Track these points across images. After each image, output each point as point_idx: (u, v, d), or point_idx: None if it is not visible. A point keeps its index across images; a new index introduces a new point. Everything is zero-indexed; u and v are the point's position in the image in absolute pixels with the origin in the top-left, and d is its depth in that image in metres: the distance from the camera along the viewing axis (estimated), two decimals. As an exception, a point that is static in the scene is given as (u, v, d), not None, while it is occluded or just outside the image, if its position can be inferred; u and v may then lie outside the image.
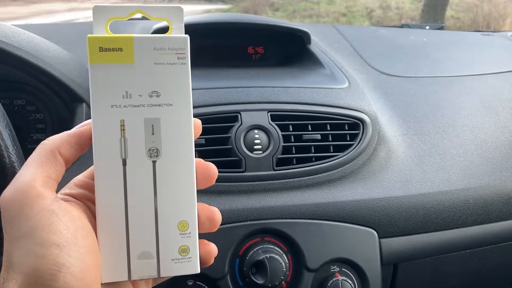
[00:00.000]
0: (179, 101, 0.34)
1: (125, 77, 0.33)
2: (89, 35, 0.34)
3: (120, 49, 0.33)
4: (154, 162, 0.34)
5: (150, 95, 0.34)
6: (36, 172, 0.31)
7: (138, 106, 0.34)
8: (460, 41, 1.10)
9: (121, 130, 0.33)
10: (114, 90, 0.33)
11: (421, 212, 0.68)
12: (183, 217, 0.35)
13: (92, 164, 0.34)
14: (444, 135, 0.77)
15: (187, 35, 0.35)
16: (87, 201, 0.35)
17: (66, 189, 0.35)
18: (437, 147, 0.75)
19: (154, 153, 0.34)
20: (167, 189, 0.34)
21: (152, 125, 0.34)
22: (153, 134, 0.34)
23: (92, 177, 0.35)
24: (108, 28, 0.35)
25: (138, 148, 0.34)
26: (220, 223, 0.36)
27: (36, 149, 0.32)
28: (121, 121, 0.33)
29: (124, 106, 0.33)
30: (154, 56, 0.34)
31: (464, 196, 0.71)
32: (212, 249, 0.37)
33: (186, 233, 0.35)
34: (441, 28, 1.23)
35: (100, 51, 0.33)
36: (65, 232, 0.30)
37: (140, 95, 0.34)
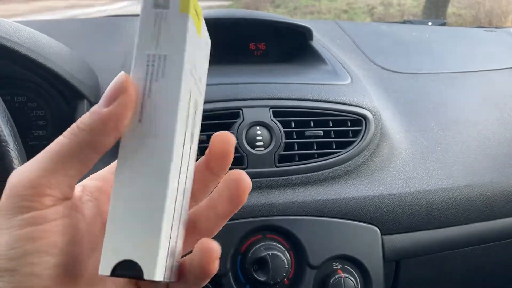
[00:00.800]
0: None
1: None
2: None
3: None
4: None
5: None
6: (51, 171, 0.26)
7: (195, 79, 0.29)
8: (462, 37, 1.09)
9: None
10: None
11: (424, 209, 0.68)
12: None
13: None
14: (447, 132, 0.77)
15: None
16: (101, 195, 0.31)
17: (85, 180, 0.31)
18: (440, 143, 0.75)
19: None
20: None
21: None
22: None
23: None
24: None
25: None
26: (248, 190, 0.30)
27: (63, 136, 0.26)
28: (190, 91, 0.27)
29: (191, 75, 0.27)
30: None
31: (467, 193, 0.70)
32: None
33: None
34: (444, 24, 1.23)
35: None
36: (44, 237, 0.25)
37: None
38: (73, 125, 0.26)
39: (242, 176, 0.30)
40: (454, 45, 1.02)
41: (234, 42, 0.89)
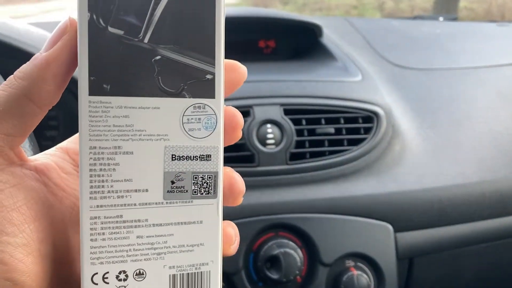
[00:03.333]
0: None
1: None
2: None
3: None
4: None
5: None
6: None
7: None
8: (474, 32, 1.08)
9: None
10: None
11: (437, 206, 0.67)
12: None
13: None
14: (459, 128, 0.76)
15: None
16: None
17: (64, 143, 0.29)
18: (452, 140, 0.74)
19: None
20: None
21: None
22: None
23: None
24: None
25: None
26: (242, 193, 0.27)
27: None
28: None
29: None
30: None
31: (479, 189, 0.70)
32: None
33: None
34: (455, 19, 1.22)
35: None
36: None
37: None
38: (11, 76, 0.23)
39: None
40: (466, 40, 1.01)
41: (244, 40, 0.89)
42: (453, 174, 0.70)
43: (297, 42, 0.90)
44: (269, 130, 0.66)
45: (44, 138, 0.71)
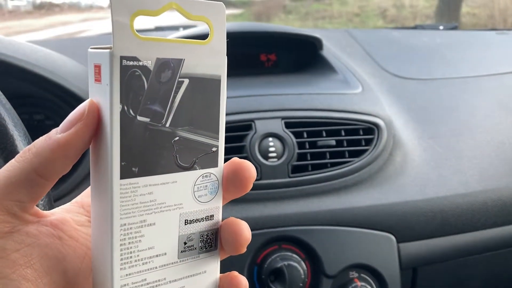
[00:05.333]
0: None
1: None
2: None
3: None
4: None
5: None
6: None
7: None
8: (474, 40, 1.09)
9: None
10: None
11: (439, 216, 0.68)
12: None
13: None
14: (460, 138, 0.77)
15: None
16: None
17: (79, 197, 0.31)
18: (454, 149, 0.75)
19: None
20: None
21: None
22: None
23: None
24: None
25: None
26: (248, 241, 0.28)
27: (14, 160, 0.25)
28: None
29: None
30: None
31: (482, 198, 0.70)
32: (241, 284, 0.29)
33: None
34: (455, 28, 1.22)
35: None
36: (10, 272, 0.24)
37: None
38: (26, 148, 0.25)
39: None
40: (466, 49, 1.01)
41: (245, 54, 0.90)
42: (455, 183, 0.71)
43: (298, 55, 0.91)
44: (271, 144, 0.66)
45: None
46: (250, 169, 0.28)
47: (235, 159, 0.29)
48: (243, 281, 0.29)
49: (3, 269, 0.24)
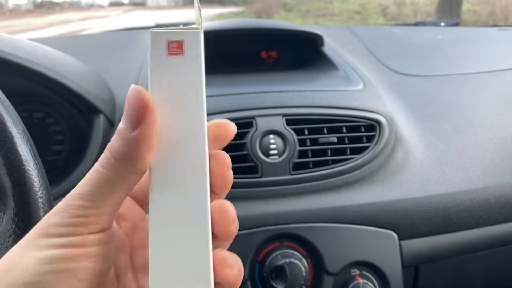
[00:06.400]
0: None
1: None
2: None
3: None
4: None
5: None
6: (101, 203, 0.26)
7: None
8: (476, 37, 1.08)
9: None
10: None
11: (441, 213, 0.67)
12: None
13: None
14: (462, 134, 0.76)
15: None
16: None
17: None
18: (456, 146, 0.74)
19: None
20: None
21: None
22: None
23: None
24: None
25: None
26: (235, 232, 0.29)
27: (104, 168, 0.26)
28: None
29: None
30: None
31: (484, 195, 0.70)
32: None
33: None
34: (457, 24, 1.22)
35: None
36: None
37: None
38: (109, 156, 0.26)
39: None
40: (468, 46, 1.01)
41: (246, 52, 0.90)
42: (457, 180, 0.70)
43: (299, 52, 0.91)
44: (272, 141, 0.66)
45: (50, 153, 0.71)
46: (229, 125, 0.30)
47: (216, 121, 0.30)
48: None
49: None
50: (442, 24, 1.21)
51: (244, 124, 0.67)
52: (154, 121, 0.26)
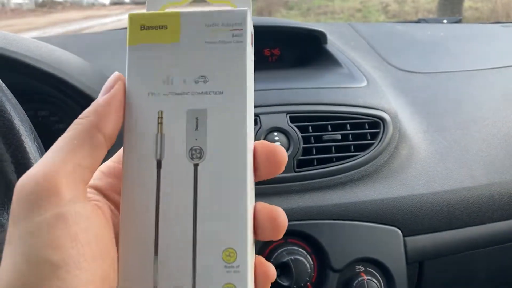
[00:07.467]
0: (232, 88, 0.27)
1: (168, 58, 0.28)
2: (130, 13, 0.29)
3: (165, 27, 0.28)
4: (196, 165, 0.27)
5: (196, 80, 0.27)
6: (61, 160, 0.24)
7: (181, 94, 0.27)
8: (479, 33, 1.08)
9: (158, 123, 0.27)
10: (152, 74, 0.28)
11: (446, 209, 0.68)
12: (230, 243, 0.26)
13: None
14: (466, 131, 0.76)
15: (246, 8, 0.28)
16: (116, 195, 0.29)
17: (91, 180, 0.29)
18: (459, 143, 0.74)
19: (196, 154, 0.27)
20: (211, 203, 0.26)
21: (196, 118, 0.27)
22: (196, 129, 0.27)
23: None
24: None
25: (177, 147, 0.27)
26: (285, 228, 0.28)
27: (68, 129, 0.26)
28: (158, 112, 0.27)
29: (164, 95, 0.27)
30: (204, 34, 0.28)
31: (488, 192, 0.70)
32: (270, 271, 0.28)
33: (233, 266, 0.26)
34: (459, 21, 1.22)
35: (141, 29, 0.28)
36: (70, 247, 0.22)
37: (184, 81, 0.27)
38: (77, 119, 0.26)
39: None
40: (471, 43, 1.01)
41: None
42: (462, 177, 0.70)
43: (302, 50, 0.91)
44: (276, 138, 0.66)
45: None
46: (282, 153, 0.29)
47: (265, 143, 0.29)
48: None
49: (64, 242, 0.22)
50: (445, 21, 1.20)
51: (248, 122, 0.67)
52: (121, 87, 0.27)
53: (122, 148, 0.29)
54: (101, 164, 0.29)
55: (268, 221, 0.27)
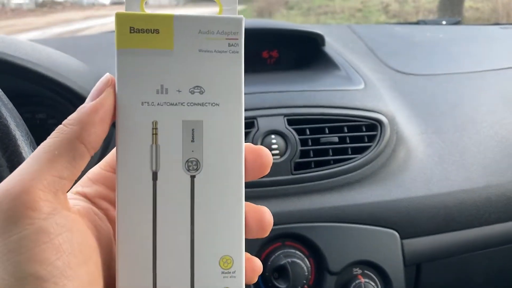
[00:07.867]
0: (228, 100, 0.27)
1: (161, 66, 0.27)
2: (118, 11, 0.27)
3: (157, 31, 0.27)
4: (192, 177, 0.27)
5: (192, 91, 0.27)
6: (40, 171, 0.23)
7: (176, 104, 0.27)
8: (478, 35, 1.08)
9: (153, 134, 0.27)
10: (145, 83, 0.27)
11: (443, 212, 0.68)
12: (227, 251, 0.27)
13: (112, 151, 0.29)
14: (463, 133, 0.76)
15: (241, 16, 0.28)
16: (104, 202, 0.29)
17: (78, 187, 0.29)
18: (457, 145, 0.74)
19: (193, 166, 0.27)
20: (208, 213, 0.27)
21: (192, 130, 0.27)
22: (193, 141, 0.27)
23: (111, 169, 0.30)
24: (144, 7, 0.28)
25: (173, 159, 0.27)
26: (271, 226, 0.29)
27: (51, 135, 0.25)
28: (153, 123, 0.27)
29: (158, 104, 0.27)
30: (199, 42, 0.27)
31: (486, 194, 0.70)
32: (256, 266, 0.29)
33: (229, 272, 0.27)
34: (458, 22, 1.22)
35: (131, 32, 0.27)
36: (55, 258, 0.23)
37: (178, 91, 0.27)
38: (60, 125, 0.25)
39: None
40: (470, 44, 1.01)
41: (247, 51, 0.90)
42: (459, 179, 0.70)
43: (300, 52, 0.91)
44: (274, 141, 0.66)
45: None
46: (267, 155, 0.29)
47: (251, 145, 0.29)
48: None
49: (49, 255, 0.22)
50: (444, 22, 1.20)
51: (246, 125, 0.67)
52: (110, 94, 0.26)
53: (109, 153, 0.30)
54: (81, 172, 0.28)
55: (255, 222, 0.28)
